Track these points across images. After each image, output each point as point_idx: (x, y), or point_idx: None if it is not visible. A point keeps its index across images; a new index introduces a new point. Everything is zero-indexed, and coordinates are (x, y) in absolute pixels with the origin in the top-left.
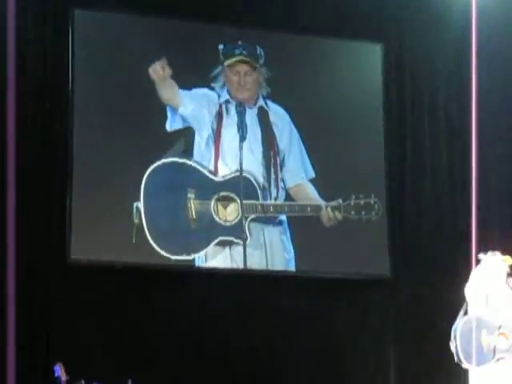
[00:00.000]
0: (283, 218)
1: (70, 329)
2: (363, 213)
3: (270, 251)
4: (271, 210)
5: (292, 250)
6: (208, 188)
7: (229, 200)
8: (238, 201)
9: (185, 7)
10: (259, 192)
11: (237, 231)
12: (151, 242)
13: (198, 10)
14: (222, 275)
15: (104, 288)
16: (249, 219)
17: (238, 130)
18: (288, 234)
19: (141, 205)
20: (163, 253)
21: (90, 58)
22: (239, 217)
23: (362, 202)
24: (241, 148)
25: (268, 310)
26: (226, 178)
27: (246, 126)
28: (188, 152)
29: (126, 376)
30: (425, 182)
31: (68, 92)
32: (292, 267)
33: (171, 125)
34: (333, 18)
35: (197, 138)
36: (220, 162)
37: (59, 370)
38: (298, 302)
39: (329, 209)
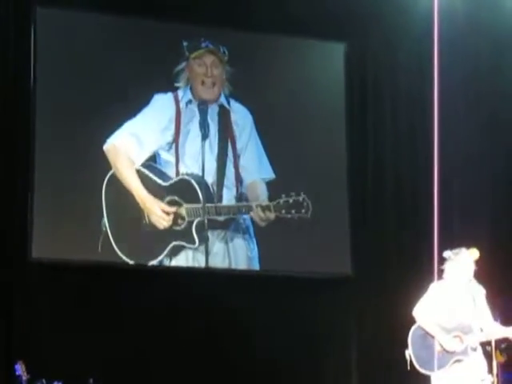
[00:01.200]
0: (246, 216)
1: (31, 327)
2: (293, 211)
3: (233, 251)
4: (214, 212)
5: (256, 248)
6: (157, 193)
7: (175, 204)
8: (184, 204)
9: (148, 6)
10: (200, 194)
11: (187, 236)
12: (115, 247)
13: (160, 10)
14: (185, 274)
15: (66, 287)
16: (200, 220)
17: (201, 129)
18: (252, 232)
19: (104, 211)
20: (124, 258)
21: (53, 56)
22: (186, 221)
23: (290, 200)
24: (203, 146)
25: (232, 308)
26: (171, 182)
27: (208, 124)
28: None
29: (88, 375)
30: (387, 181)
31: (30, 92)
32: (255, 265)
33: None
34: (296, 18)
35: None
36: (181, 165)
37: (20, 369)
38: (260, 300)
39: (259, 208)
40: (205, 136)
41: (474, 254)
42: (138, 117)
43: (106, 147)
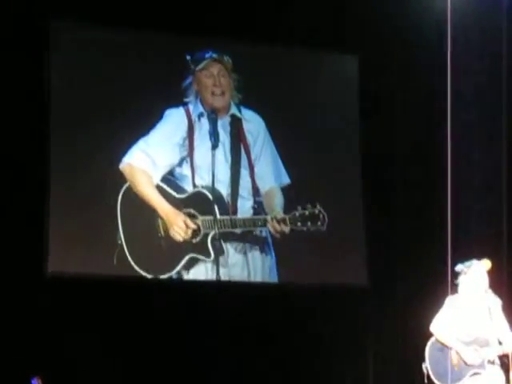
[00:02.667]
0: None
1: (48, 342)
2: (309, 223)
3: (252, 262)
4: (229, 224)
5: (274, 259)
6: (175, 206)
7: (191, 217)
8: (200, 217)
9: (151, 19)
10: (216, 206)
11: (203, 248)
12: (130, 261)
13: (164, 22)
14: (201, 287)
15: (82, 301)
16: (215, 233)
17: (210, 138)
18: (270, 243)
19: (119, 225)
20: (140, 271)
21: (66, 73)
22: (202, 233)
23: (306, 212)
24: (213, 156)
25: (247, 320)
26: (187, 194)
27: (218, 133)
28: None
29: None
30: (402, 192)
31: (44, 109)
32: (274, 276)
33: None
34: (309, 29)
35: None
36: (197, 178)
37: None
38: (277, 311)
39: (274, 221)
40: (215, 145)
41: (486, 264)
42: (152, 133)
43: (121, 167)
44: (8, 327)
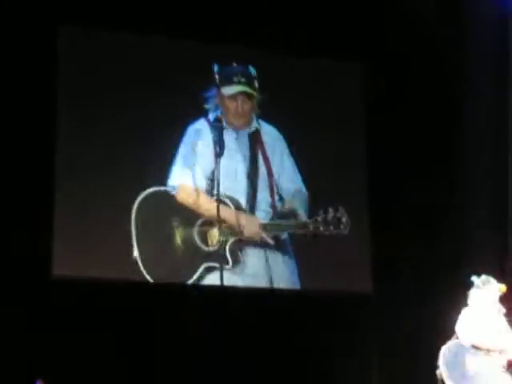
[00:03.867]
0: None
1: (52, 346)
2: (331, 227)
3: (274, 269)
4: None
5: (295, 265)
6: (190, 215)
7: (209, 225)
8: (217, 225)
9: (176, 27)
10: (234, 214)
11: (220, 256)
12: (142, 270)
13: (190, 30)
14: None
15: (88, 305)
16: (234, 240)
17: (215, 147)
18: (290, 249)
19: (132, 233)
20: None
21: (76, 79)
22: (220, 241)
23: (329, 216)
24: (218, 163)
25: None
26: None
27: (223, 141)
28: None
29: None
30: (409, 201)
31: (52, 116)
32: (296, 282)
33: None
34: (314, 39)
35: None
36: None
37: None
38: (280, 318)
39: (297, 226)
40: (220, 154)
41: (501, 288)
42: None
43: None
44: (12, 329)
